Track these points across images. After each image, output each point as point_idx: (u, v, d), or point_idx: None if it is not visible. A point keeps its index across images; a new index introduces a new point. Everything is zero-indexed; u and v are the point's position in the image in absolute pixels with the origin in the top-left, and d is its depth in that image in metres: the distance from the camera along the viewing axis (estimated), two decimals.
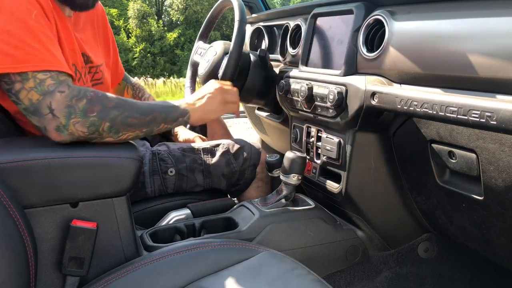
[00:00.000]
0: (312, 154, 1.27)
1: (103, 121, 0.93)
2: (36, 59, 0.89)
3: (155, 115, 1.02)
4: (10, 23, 0.88)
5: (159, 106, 1.05)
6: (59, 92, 0.89)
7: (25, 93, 0.89)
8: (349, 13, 1.12)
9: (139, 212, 1.26)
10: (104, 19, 1.29)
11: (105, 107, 0.93)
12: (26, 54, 0.88)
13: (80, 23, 1.15)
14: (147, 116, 1.01)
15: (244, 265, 0.89)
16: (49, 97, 0.89)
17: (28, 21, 0.90)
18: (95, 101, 0.92)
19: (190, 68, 1.62)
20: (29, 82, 0.88)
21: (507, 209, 0.84)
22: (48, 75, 0.90)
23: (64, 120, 0.89)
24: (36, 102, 0.89)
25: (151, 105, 1.04)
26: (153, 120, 1.02)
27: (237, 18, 1.30)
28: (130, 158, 0.94)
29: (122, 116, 0.96)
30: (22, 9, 0.90)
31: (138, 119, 0.99)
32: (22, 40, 0.88)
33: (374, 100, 0.97)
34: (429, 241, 1.26)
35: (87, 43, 1.14)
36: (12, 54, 0.88)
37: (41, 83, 0.89)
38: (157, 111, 1.03)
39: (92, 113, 0.91)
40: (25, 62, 0.88)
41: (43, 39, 0.91)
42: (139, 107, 1.00)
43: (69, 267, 0.88)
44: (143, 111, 1.00)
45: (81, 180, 0.89)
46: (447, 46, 0.84)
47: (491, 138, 0.79)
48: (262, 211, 1.15)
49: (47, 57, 0.91)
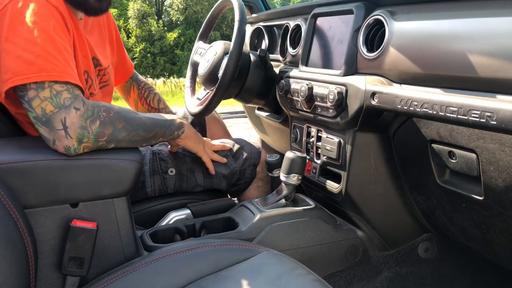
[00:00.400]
0: (312, 154, 1.27)
1: (110, 143, 0.95)
2: (58, 69, 0.90)
3: (157, 131, 1.05)
4: (33, 32, 0.88)
5: (161, 121, 1.08)
6: (74, 109, 0.90)
7: (39, 102, 0.88)
8: (349, 13, 1.12)
9: (139, 212, 1.26)
10: (109, 16, 1.29)
11: (115, 129, 0.95)
12: (49, 63, 0.89)
13: (89, 25, 1.15)
14: (151, 133, 1.04)
15: (244, 265, 0.89)
16: (64, 112, 0.89)
17: (50, 32, 0.91)
18: (107, 123, 0.94)
19: (190, 68, 1.61)
20: (44, 92, 0.88)
21: (507, 209, 0.84)
22: (65, 88, 0.90)
23: (76, 143, 0.89)
24: (50, 114, 0.88)
25: (155, 121, 1.06)
26: (154, 136, 1.05)
27: (237, 18, 1.30)
28: (130, 160, 0.94)
29: (129, 136, 0.98)
30: (45, 19, 0.90)
31: (142, 137, 1.02)
32: (45, 50, 0.89)
33: (374, 100, 0.97)
34: (429, 241, 1.26)
35: (96, 45, 1.15)
36: (36, 63, 0.88)
37: (57, 95, 0.89)
38: (159, 126, 1.06)
39: (103, 137, 0.93)
40: (48, 71, 0.88)
41: (63, 50, 0.92)
42: (145, 123, 1.02)
43: (69, 267, 0.88)
44: (147, 128, 1.02)
45: (81, 181, 0.89)
46: (447, 46, 0.84)
47: (491, 138, 0.79)
48: (262, 211, 1.15)
49: (66, 68, 0.91)
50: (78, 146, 0.90)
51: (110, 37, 1.29)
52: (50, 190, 0.87)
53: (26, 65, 0.87)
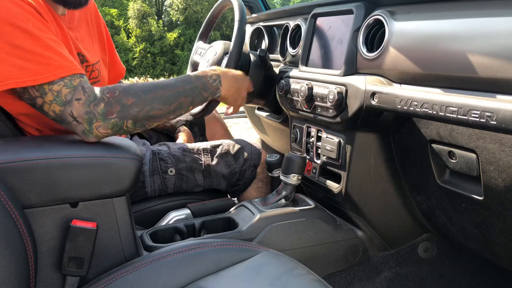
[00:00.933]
0: (312, 154, 1.27)
1: (125, 120, 0.95)
2: (51, 68, 0.90)
3: (181, 101, 1.01)
4: (15, 36, 0.88)
5: (187, 89, 1.03)
6: (76, 100, 0.92)
7: (48, 107, 0.92)
8: (349, 13, 1.12)
9: (139, 212, 1.26)
10: (97, 15, 1.28)
11: (124, 106, 0.94)
12: (39, 65, 0.89)
13: (75, 21, 1.14)
14: (172, 105, 1.00)
15: (244, 265, 0.89)
16: (69, 107, 0.92)
17: (32, 30, 0.90)
18: (112, 103, 0.94)
19: (190, 68, 1.61)
20: (47, 96, 0.91)
21: (507, 209, 0.84)
22: (62, 84, 0.91)
23: (87, 126, 0.92)
24: (60, 113, 0.92)
25: (176, 90, 1.01)
26: (179, 107, 1.02)
27: (237, 18, 1.30)
28: (130, 158, 0.94)
29: (144, 111, 0.97)
30: (22, 19, 0.89)
31: (161, 110, 0.99)
32: (32, 52, 0.89)
33: (374, 100, 0.97)
34: (429, 241, 1.26)
35: (82, 41, 1.14)
36: (27, 67, 0.88)
37: (58, 95, 0.91)
38: (183, 95, 1.02)
39: (111, 115, 0.93)
40: (41, 74, 0.89)
41: (51, 44, 0.92)
42: (162, 96, 0.99)
43: (69, 267, 0.88)
44: (166, 101, 0.99)
45: (81, 180, 0.89)
46: (447, 46, 0.84)
47: (491, 138, 0.79)
48: (262, 211, 1.15)
49: (60, 62, 0.92)
50: (90, 127, 0.92)
51: (100, 35, 1.28)
52: (50, 189, 0.87)
53: (16, 69, 0.88)
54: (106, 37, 1.32)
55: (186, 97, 1.03)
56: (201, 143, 1.36)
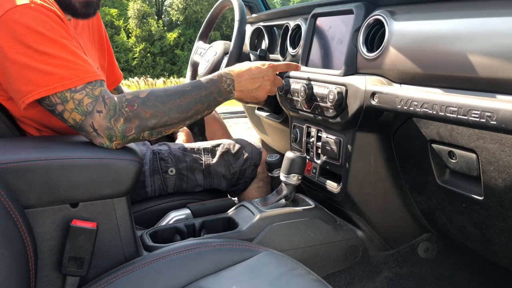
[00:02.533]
0: (312, 154, 1.27)
1: (141, 133, 0.97)
2: (78, 73, 0.92)
3: (197, 108, 1.02)
4: (41, 43, 0.89)
5: (203, 96, 1.03)
6: (97, 112, 0.93)
7: (68, 114, 0.93)
8: (349, 13, 1.12)
9: (139, 212, 1.26)
10: (99, 22, 1.29)
11: (142, 119, 0.96)
12: (67, 69, 0.91)
13: (79, 27, 1.15)
14: (189, 112, 1.01)
15: (244, 265, 0.89)
16: (90, 118, 0.93)
17: (57, 38, 0.91)
18: (131, 118, 0.95)
19: (190, 68, 1.62)
20: (69, 104, 0.92)
21: (507, 209, 0.84)
22: (84, 94, 0.92)
23: (108, 142, 0.94)
24: (80, 122, 0.93)
25: (193, 98, 1.02)
26: (196, 113, 1.03)
27: (237, 18, 1.30)
28: (130, 159, 0.94)
29: (161, 122, 0.98)
30: (47, 27, 0.91)
31: (178, 119, 1.00)
32: (59, 57, 0.90)
33: (374, 100, 0.97)
34: (429, 241, 1.26)
35: (84, 47, 1.14)
36: (55, 73, 0.90)
37: (80, 104, 0.92)
38: (199, 102, 1.03)
39: (130, 131, 0.95)
40: (70, 78, 0.91)
41: (76, 51, 0.93)
42: (179, 106, 1.00)
43: (69, 267, 0.88)
44: (183, 109, 1.00)
45: (81, 181, 0.89)
46: (447, 46, 0.84)
47: (491, 138, 0.79)
48: (262, 211, 1.15)
49: (86, 68, 0.93)
50: (110, 144, 0.95)
51: (100, 41, 1.29)
52: (50, 190, 0.87)
53: (45, 76, 0.89)
54: (106, 44, 1.32)
55: (202, 104, 1.04)
56: (201, 143, 1.36)
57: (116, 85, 1.47)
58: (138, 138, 0.97)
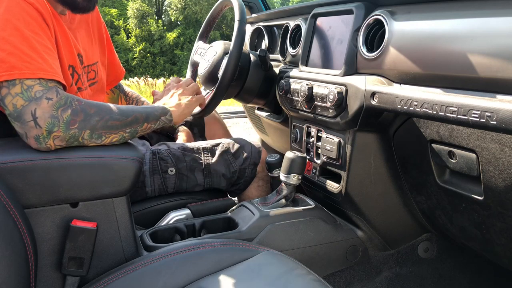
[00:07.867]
0: (312, 154, 1.27)
1: (83, 131, 0.92)
2: (32, 67, 0.89)
3: (136, 115, 1.03)
4: (5, 30, 0.88)
5: (140, 108, 1.08)
6: (46, 99, 0.88)
7: (10, 99, 0.87)
8: (349, 13, 1.12)
9: (139, 212, 1.26)
10: (98, 18, 1.28)
11: (87, 114, 0.93)
12: (21, 61, 0.88)
13: (75, 21, 1.14)
14: (128, 117, 1.01)
15: (244, 265, 0.89)
16: (34, 103, 0.87)
17: (24, 30, 0.90)
18: (78, 111, 0.92)
19: (190, 68, 1.62)
20: (15, 88, 0.87)
21: (507, 209, 0.84)
22: (37, 82, 0.89)
23: (46, 132, 0.88)
24: (20, 108, 0.87)
25: (132, 107, 1.06)
26: (135, 121, 1.02)
27: (237, 18, 1.30)
28: (130, 158, 0.94)
29: (103, 121, 0.96)
30: (18, 18, 0.90)
31: (119, 121, 0.99)
32: (17, 47, 0.88)
33: (374, 100, 0.97)
34: (429, 241, 1.26)
35: (81, 42, 1.14)
36: (8, 61, 0.87)
37: (28, 89, 0.88)
38: (137, 112, 1.04)
39: (74, 124, 0.91)
40: (21, 69, 0.87)
41: (39, 48, 0.91)
42: (120, 109, 1.01)
43: (69, 267, 0.88)
44: (123, 113, 1.00)
45: (81, 180, 0.89)
46: (447, 46, 0.84)
47: (491, 138, 0.79)
48: (262, 211, 1.15)
49: (43, 66, 0.90)
50: (47, 136, 0.88)
51: (100, 37, 1.29)
52: (50, 189, 0.87)
53: None
54: (106, 40, 1.32)
55: (141, 113, 1.05)
56: (200, 142, 1.36)
57: (118, 82, 1.47)
58: (77, 137, 0.92)
